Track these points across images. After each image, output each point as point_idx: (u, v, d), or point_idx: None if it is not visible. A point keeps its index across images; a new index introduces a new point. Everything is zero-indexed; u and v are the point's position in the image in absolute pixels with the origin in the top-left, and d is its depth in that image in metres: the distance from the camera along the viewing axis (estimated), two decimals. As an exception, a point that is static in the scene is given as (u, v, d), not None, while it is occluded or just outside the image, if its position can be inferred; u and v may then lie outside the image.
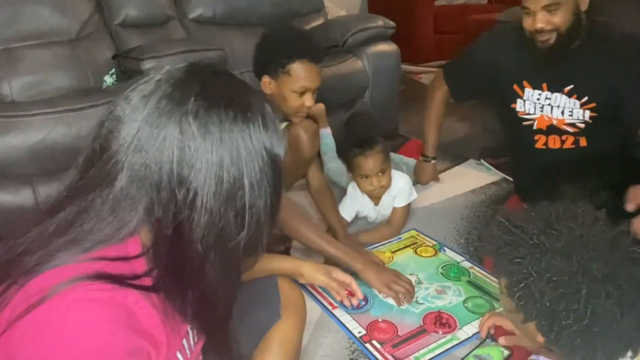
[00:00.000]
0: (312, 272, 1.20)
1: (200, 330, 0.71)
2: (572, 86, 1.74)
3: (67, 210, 0.62)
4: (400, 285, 1.47)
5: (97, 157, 0.63)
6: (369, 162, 1.73)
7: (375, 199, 1.85)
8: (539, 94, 1.81)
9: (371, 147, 1.72)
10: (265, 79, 1.55)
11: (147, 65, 2.00)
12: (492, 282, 1.58)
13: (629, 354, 0.86)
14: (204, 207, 0.61)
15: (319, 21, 2.80)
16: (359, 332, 1.39)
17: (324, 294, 1.54)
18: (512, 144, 2.03)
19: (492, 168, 2.38)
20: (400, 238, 1.86)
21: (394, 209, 1.87)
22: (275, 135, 0.66)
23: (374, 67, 2.46)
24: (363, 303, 1.50)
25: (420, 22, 3.45)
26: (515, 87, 1.84)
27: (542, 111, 1.82)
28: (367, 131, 1.77)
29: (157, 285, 0.63)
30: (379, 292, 1.50)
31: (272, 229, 0.69)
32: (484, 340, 1.33)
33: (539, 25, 1.60)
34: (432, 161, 2.20)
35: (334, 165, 2.15)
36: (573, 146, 1.79)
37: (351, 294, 1.28)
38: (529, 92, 1.83)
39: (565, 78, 1.74)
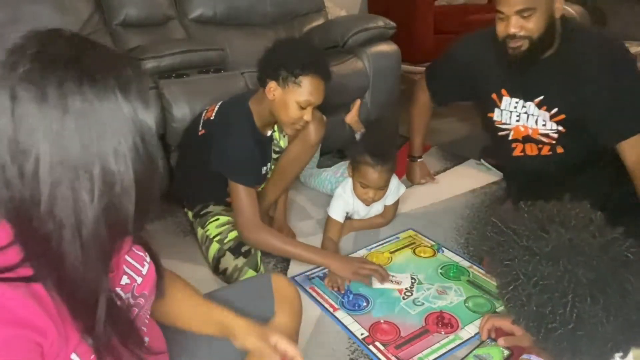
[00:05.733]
0: (244, 332, 0.91)
1: (71, 316, 0.64)
2: (542, 97, 1.72)
3: None
4: (366, 270, 1.57)
5: None
6: (375, 176, 1.74)
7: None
8: (516, 102, 1.80)
9: (383, 163, 1.72)
10: (272, 84, 1.56)
11: (147, 65, 2.00)
12: (491, 281, 1.58)
13: (619, 354, 0.87)
14: (50, 178, 0.56)
15: (319, 21, 2.79)
16: (362, 334, 1.39)
17: (324, 296, 1.55)
18: (495, 149, 2.04)
19: (492, 168, 2.38)
20: (398, 238, 1.86)
21: (386, 206, 1.92)
22: (139, 101, 0.61)
23: (375, 67, 2.46)
24: (364, 304, 1.51)
25: (420, 22, 3.44)
26: (494, 96, 1.84)
27: (518, 121, 1.81)
28: (387, 144, 1.77)
29: (37, 273, 0.60)
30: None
31: (147, 206, 0.64)
32: (484, 340, 1.33)
33: (512, 30, 1.58)
34: (419, 160, 2.24)
35: (314, 179, 2.19)
36: (550, 153, 1.79)
37: None
38: (506, 100, 1.82)
39: (536, 88, 1.73)
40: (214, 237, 1.67)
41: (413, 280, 1.61)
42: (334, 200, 1.84)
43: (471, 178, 2.33)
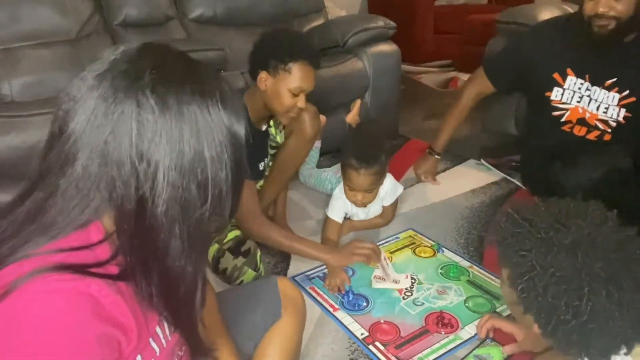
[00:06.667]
0: None
1: (166, 311, 0.69)
2: (614, 79, 1.77)
3: (33, 195, 0.62)
4: (364, 249, 1.58)
5: (56, 139, 0.62)
6: (360, 179, 1.72)
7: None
8: (581, 84, 1.84)
9: (367, 166, 1.70)
10: (263, 74, 1.56)
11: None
12: (491, 281, 1.58)
13: (623, 350, 0.87)
14: (165, 180, 0.61)
15: (319, 21, 2.79)
16: (362, 334, 1.39)
17: (324, 296, 1.55)
18: (535, 123, 2.05)
19: (492, 168, 2.38)
20: (397, 237, 1.86)
21: (384, 207, 1.91)
22: (234, 113, 0.66)
23: (375, 67, 2.46)
24: (364, 304, 1.51)
25: (420, 22, 3.45)
26: (556, 75, 1.87)
27: (579, 102, 1.84)
28: (373, 148, 1.75)
29: (124, 271, 0.63)
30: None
31: (236, 205, 0.70)
32: (484, 340, 1.33)
33: (601, 9, 1.63)
34: (436, 156, 2.23)
35: (314, 179, 2.18)
36: (596, 139, 1.83)
37: None
38: (571, 80, 1.85)
39: (610, 70, 1.77)
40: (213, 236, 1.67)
41: (413, 280, 1.61)
42: (333, 201, 1.84)
43: (471, 178, 2.33)
